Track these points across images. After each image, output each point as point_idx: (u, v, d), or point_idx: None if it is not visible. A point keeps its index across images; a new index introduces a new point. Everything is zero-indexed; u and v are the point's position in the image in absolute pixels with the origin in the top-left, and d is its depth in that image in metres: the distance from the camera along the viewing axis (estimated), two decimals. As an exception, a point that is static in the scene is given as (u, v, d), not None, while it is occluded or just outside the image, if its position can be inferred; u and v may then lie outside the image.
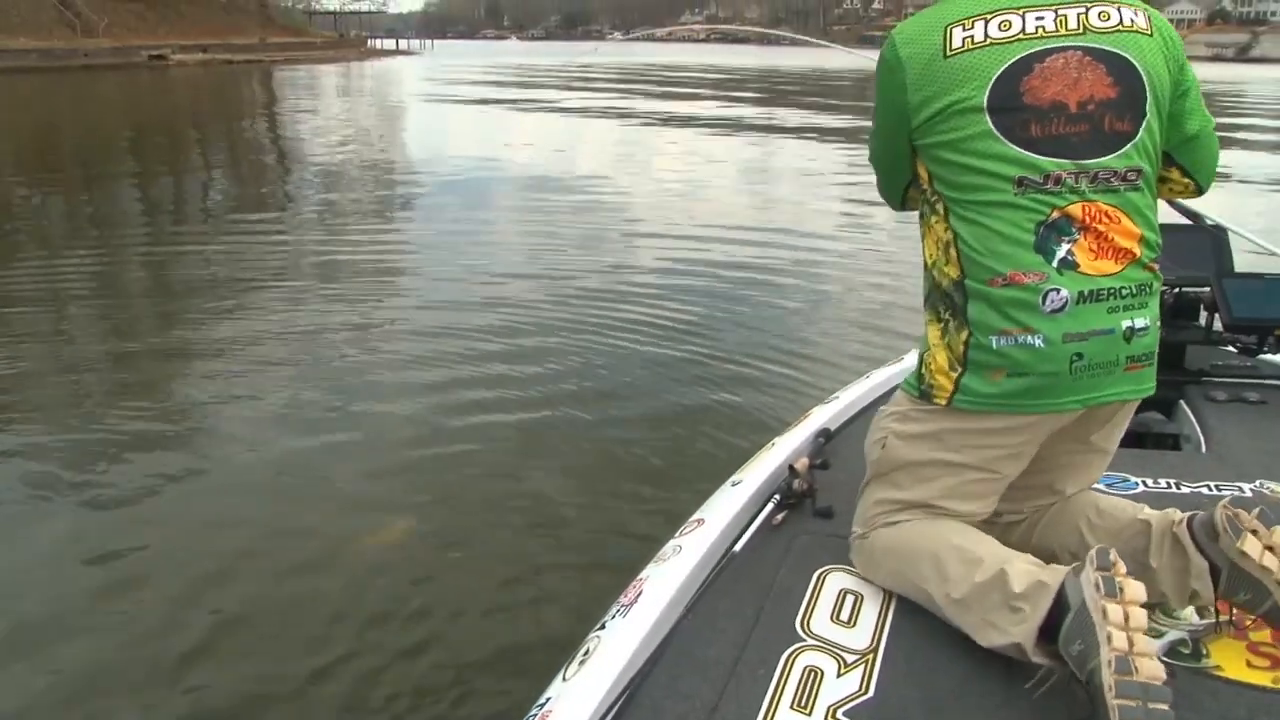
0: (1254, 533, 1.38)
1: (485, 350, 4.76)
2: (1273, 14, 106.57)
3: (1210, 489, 1.97)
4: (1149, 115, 1.44)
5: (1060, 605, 1.29)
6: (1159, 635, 1.44)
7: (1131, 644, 1.20)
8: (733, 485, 1.95)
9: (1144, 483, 1.97)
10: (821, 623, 1.49)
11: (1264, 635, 1.44)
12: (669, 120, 19.41)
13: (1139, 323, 1.44)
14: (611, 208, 9.27)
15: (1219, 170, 1.64)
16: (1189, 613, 1.50)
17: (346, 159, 13.17)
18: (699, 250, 7.13)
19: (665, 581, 1.57)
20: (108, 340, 5.06)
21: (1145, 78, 1.44)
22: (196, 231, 8.42)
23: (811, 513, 1.80)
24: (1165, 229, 2.89)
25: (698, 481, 2.72)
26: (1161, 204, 2.93)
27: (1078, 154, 1.42)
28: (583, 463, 3.54)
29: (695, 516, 1.83)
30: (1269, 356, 2.66)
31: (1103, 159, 1.43)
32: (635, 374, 4.51)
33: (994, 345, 1.42)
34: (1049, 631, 1.28)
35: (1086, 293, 1.40)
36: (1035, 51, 1.43)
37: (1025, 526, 1.65)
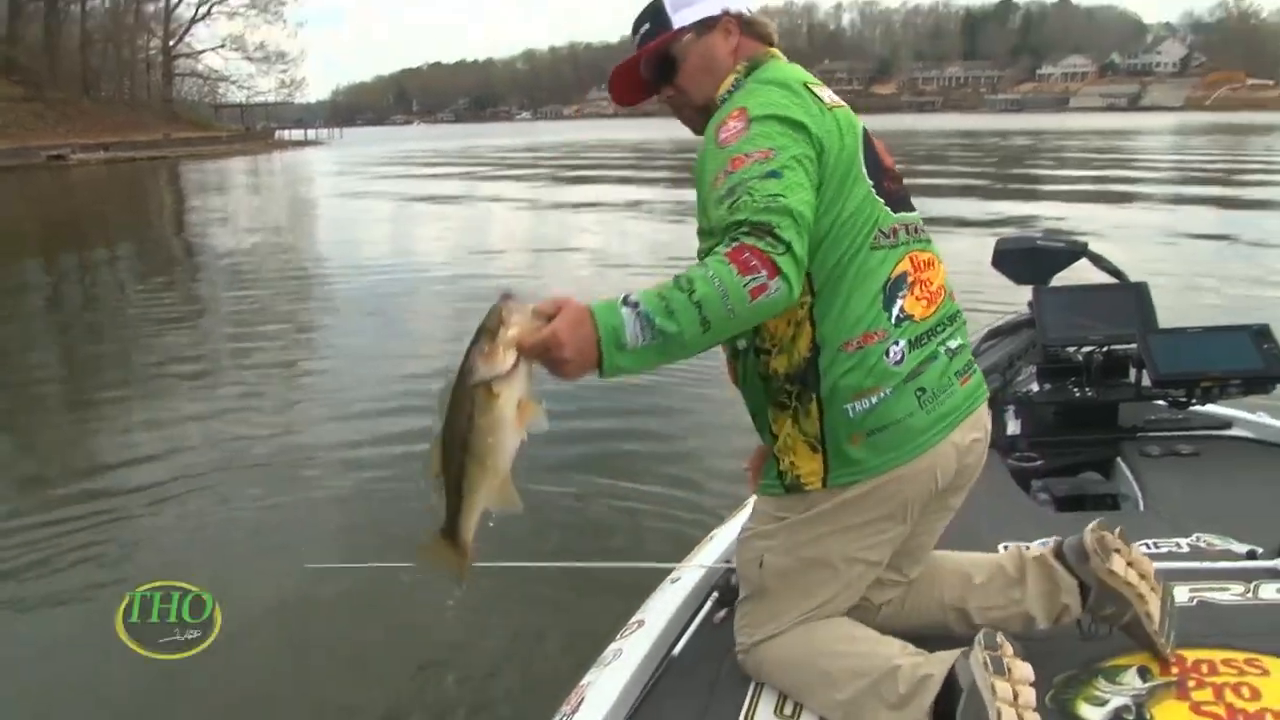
0: (1118, 551, 1.50)
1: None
2: (1157, 65, 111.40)
3: (1149, 547, 1.93)
4: None
5: (951, 691, 1.32)
6: (1102, 703, 1.44)
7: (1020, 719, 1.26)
8: (672, 583, 1.92)
9: None
10: None
11: (1206, 694, 1.46)
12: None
13: (953, 344, 1.51)
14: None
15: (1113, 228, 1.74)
16: (1131, 676, 1.52)
17: (254, 255, 13.05)
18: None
19: (607, 687, 1.55)
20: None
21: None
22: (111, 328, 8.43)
23: None
24: (1092, 289, 2.87)
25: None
26: (1085, 264, 2.88)
27: (901, 208, 1.51)
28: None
29: (635, 618, 1.81)
30: (1198, 408, 2.65)
31: (910, 213, 1.54)
32: (572, 452, 4.39)
33: (850, 413, 1.41)
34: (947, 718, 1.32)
35: (914, 339, 1.45)
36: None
37: (896, 605, 1.64)
